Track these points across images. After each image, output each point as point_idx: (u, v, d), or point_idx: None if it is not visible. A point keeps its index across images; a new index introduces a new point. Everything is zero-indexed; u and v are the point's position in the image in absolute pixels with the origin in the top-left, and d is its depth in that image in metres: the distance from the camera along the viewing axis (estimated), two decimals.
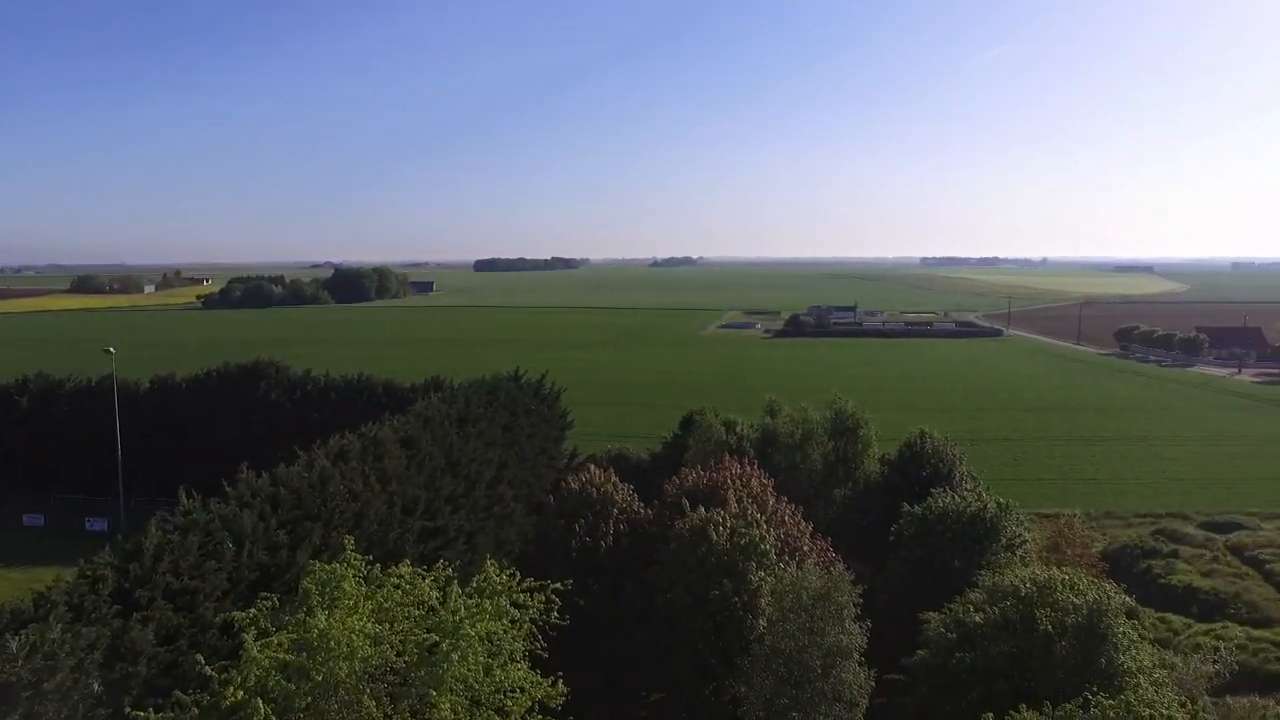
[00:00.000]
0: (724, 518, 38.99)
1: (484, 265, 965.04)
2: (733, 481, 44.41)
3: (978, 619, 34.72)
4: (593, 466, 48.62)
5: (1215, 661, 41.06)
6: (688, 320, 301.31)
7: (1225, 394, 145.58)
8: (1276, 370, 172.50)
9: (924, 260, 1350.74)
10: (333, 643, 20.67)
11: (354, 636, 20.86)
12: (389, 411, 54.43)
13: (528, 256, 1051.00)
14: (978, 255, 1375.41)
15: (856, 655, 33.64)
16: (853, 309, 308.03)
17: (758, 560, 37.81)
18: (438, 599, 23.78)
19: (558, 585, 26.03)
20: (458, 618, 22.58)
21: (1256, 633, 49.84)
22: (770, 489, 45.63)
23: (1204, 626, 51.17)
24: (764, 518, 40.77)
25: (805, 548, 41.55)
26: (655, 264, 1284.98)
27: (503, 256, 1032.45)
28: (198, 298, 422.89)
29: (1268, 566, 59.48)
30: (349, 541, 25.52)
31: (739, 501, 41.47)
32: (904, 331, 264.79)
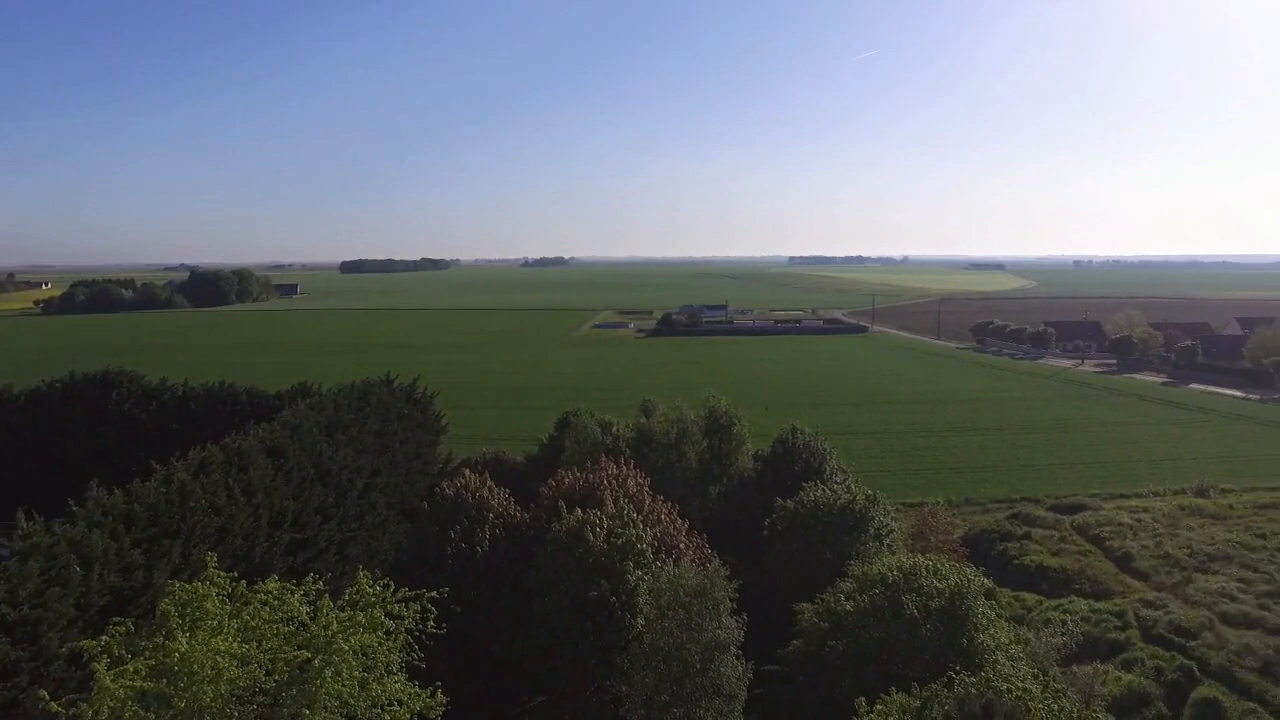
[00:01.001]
0: (600, 519, 39.01)
1: (351, 267, 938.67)
2: (609, 482, 44.49)
3: (848, 607, 35.91)
4: (468, 471, 47.95)
5: (1063, 634, 44.04)
6: (561, 321, 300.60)
7: (1070, 384, 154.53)
8: (1113, 361, 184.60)
9: (792, 259, 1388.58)
10: (195, 666, 19.69)
11: (218, 658, 19.93)
12: (253, 421, 52.31)
13: (396, 257, 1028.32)
14: (843, 254, 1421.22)
15: (734, 648, 34.25)
16: (724, 307, 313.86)
17: (635, 559, 37.98)
18: (308, 614, 22.99)
19: (434, 594, 25.58)
20: (330, 632, 21.90)
21: (1098, 605, 53.23)
22: (646, 488, 45.94)
23: (1053, 602, 54.30)
24: (641, 517, 40.97)
25: (682, 545, 41.99)
26: (527, 264, 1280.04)
27: (370, 258, 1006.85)
28: (36, 303, 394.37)
29: (1108, 544, 63.44)
30: (211, 558, 24.38)
31: (615, 502, 41.56)
32: (774, 329, 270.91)
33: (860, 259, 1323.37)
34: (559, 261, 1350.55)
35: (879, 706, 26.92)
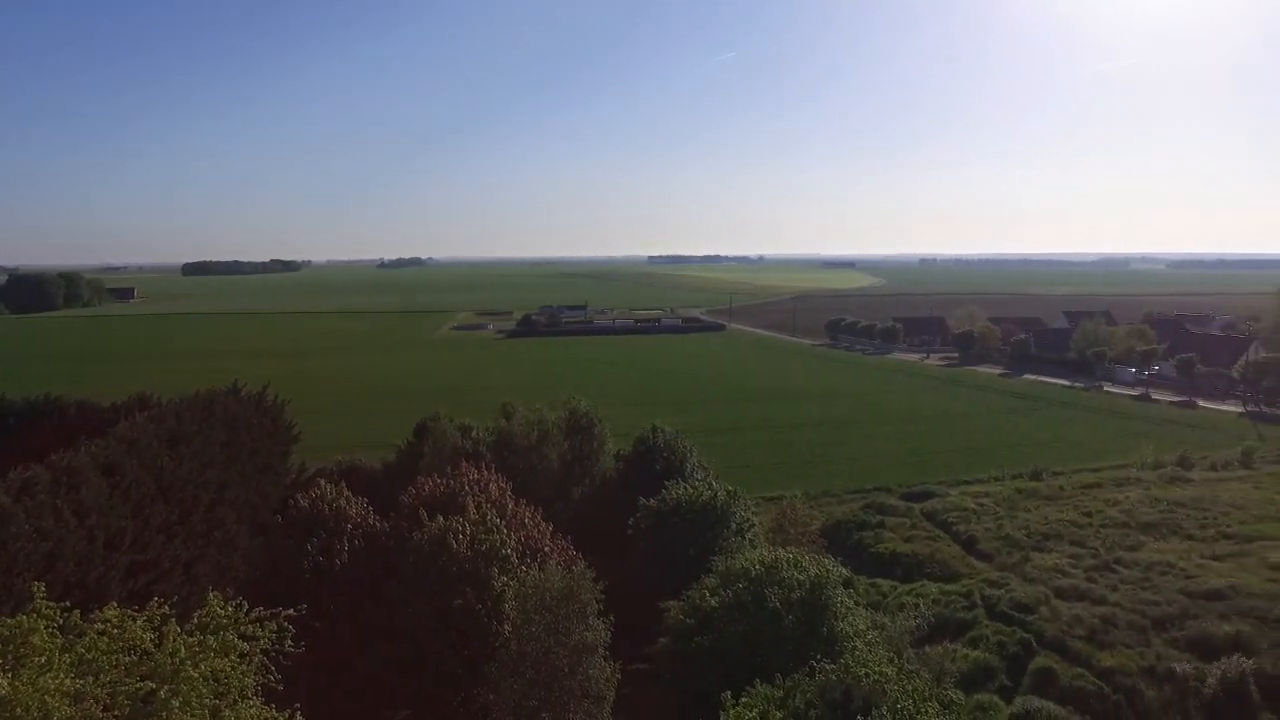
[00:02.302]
0: (463, 525, 38.43)
1: (194, 269, 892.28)
2: (470, 487, 43.93)
3: (713, 603, 36.51)
4: (323, 481, 46.44)
5: (916, 617, 46.32)
6: (419, 323, 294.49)
7: (917, 377, 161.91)
8: (956, 355, 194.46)
9: (651, 259, 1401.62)
10: (19, 710, 18.05)
11: (47, 698, 18.41)
12: (85, 436, 48.97)
13: (243, 259, 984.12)
14: (701, 253, 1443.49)
15: (602, 650, 34.28)
16: (584, 308, 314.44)
17: (500, 565, 37.58)
18: (153, 641, 21.58)
19: (291, 611, 24.55)
20: (178, 659, 20.63)
21: (948, 587, 56.01)
22: (509, 492, 45.58)
23: (907, 587, 56.83)
24: (504, 522, 40.58)
25: (546, 548, 41.77)
26: (383, 265, 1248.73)
27: (215, 259, 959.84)
28: None
29: (955, 528, 66.80)
30: (38, 588, 22.57)
31: (478, 507, 41.03)
32: (633, 328, 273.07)
33: (718, 258, 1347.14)
34: (416, 262, 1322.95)
35: (744, 699, 27.45)
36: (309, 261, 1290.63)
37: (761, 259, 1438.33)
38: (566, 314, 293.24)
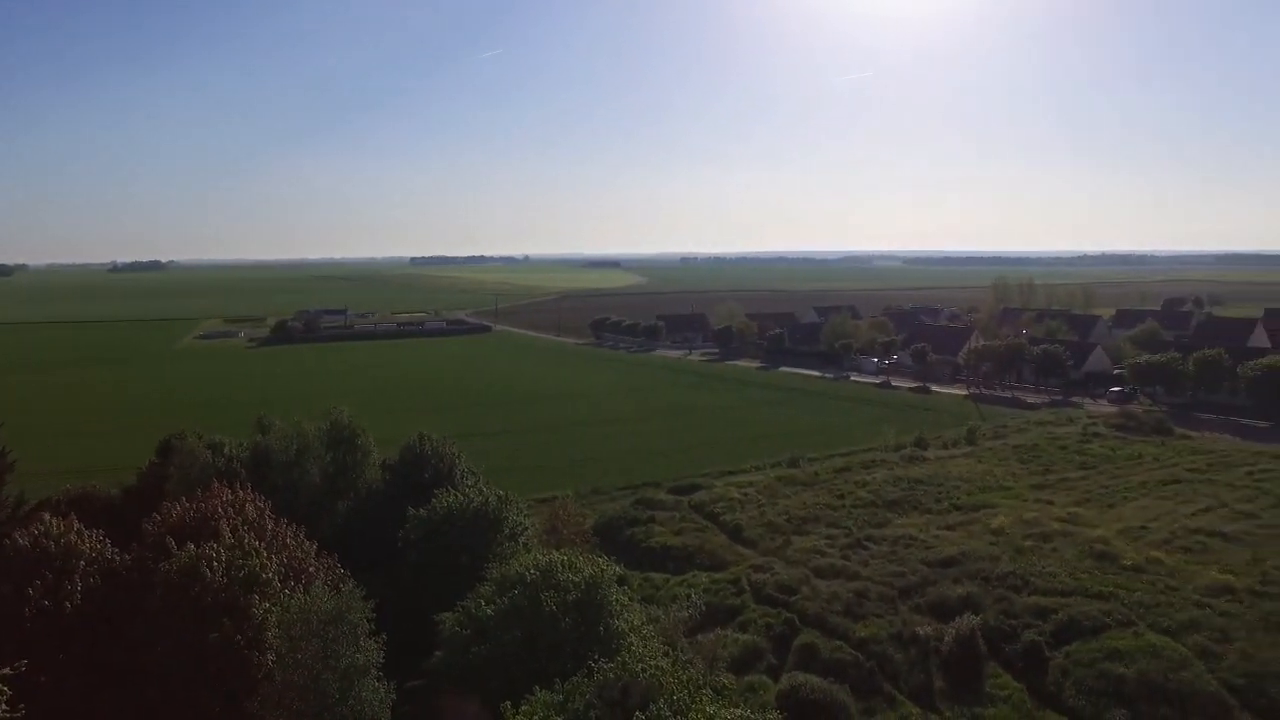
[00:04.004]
0: (217, 551, 35.82)
1: None
2: (224, 510, 40.99)
3: (489, 611, 36.04)
4: (48, 514, 41.76)
5: (688, 608, 47.81)
6: (159, 332, 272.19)
7: (681, 373, 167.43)
8: (717, 350, 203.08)
9: (413, 260, 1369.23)
10: None
11: None
12: None
13: None
14: (465, 254, 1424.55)
15: (375, 671, 33.05)
16: (344, 312, 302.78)
17: (260, 591, 35.36)
18: None
19: (7, 670, 21.76)
20: None
21: (717, 576, 58.14)
22: (268, 512, 42.94)
23: (679, 578, 58.47)
24: (263, 544, 38.25)
25: (311, 569, 39.78)
26: (115, 268, 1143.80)
27: None
28: None
29: (721, 518, 69.43)
30: None
31: (233, 531, 38.42)
32: (396, 332, 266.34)
33: (482, 258, 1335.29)
34: (155, 265, 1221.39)
35: (524, 707, 27.20)
36: (24, 265, 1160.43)
37: (526, 259, 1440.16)
38: (325, 319, 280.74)
